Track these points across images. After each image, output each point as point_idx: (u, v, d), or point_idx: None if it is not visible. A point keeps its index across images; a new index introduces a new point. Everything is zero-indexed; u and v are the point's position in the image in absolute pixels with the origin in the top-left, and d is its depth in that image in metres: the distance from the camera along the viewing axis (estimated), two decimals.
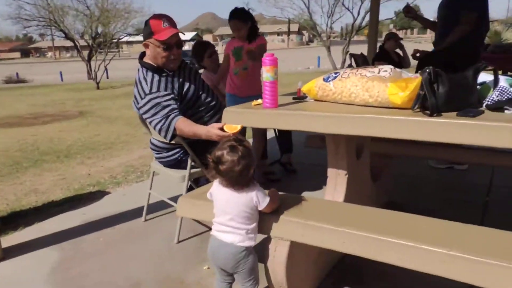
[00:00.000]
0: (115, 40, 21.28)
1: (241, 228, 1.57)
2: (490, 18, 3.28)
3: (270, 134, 3.82)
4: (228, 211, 1.57)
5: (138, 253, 2.36)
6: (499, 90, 1.55)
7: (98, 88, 14.79)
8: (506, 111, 1.50)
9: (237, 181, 1.53)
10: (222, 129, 1.98)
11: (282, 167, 3.72)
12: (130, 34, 22.12)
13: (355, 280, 1.97)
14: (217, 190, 1.61)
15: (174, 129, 2.26)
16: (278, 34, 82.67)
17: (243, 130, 2.17)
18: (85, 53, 19.90)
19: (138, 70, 2.43)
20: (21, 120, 8.17)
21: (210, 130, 2.06)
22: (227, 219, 1.57)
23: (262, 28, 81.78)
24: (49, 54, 74.23)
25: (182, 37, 2.44)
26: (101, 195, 3.38)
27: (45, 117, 8.39)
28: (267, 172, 3.50)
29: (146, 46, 2.37)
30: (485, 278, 1.29)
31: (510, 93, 1.54)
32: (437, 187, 3.16)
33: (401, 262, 1.43)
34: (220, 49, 19.35)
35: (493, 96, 1.55)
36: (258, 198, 1.56)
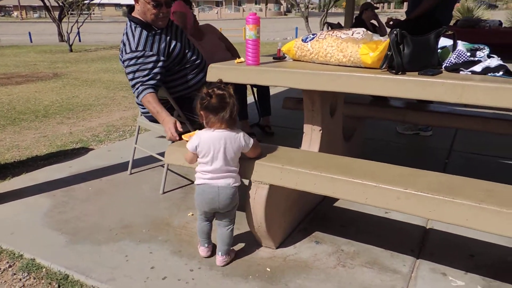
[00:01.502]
0: (87, 1, 20.45)
1: (232, 171, 1.77)
2: None
3: (250, 100, 3.98)
4: (221, 156, 1.72)
5: (126, 200, 2.53)
6: (457, 54, 1.76)
7: (71, 51, 14.33)
8: (461, 72, 1.73)
9: (229, 115, 1.68)
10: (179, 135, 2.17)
11: (260, 130, 3.91)
12: None
13: (324, 227, 2.22)
14: (209, 139, 1.72)
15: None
16: (256, 2, 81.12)
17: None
18: (55, 14, 19.06)
19: (127, 23, 2.51)
20: None
21: (169, 121, 2.23)
22: (221, 165, 1.73)
23: None
24: (15, 13, 70.32)
25: None
26: (85, 151, 3.50)
27: (18, 78, 8.20)
28: (248, 133, 3.68)
29: (136, 1, 2.43)
30: (432, 211, 1.54)
31: (466, 57, 1.76)
32: (403, 151, 3.44)
33: (364, 199, 1.67)
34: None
35: (451, 58, 1.77)
36: (244, 139, 1.76)
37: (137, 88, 2.39)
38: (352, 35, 1.90)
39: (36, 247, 2.02)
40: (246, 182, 1.93)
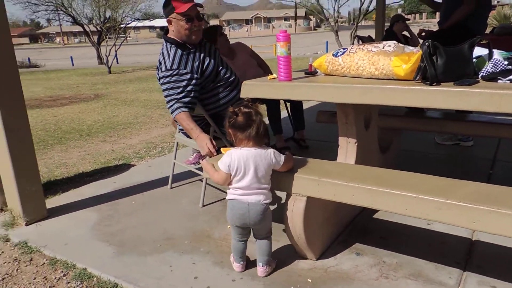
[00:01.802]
0: (123, 25, 21.44)
1: (263, 188, 1.80)
2: (501, 2, 3.44)
3: (284, 114, 4.04)
4: (251, 174, 1.75)
5: (168, 213, 2.64)
6: (493, 63, 1.75)
7: (110, 72, 15.05)
8: (499, 81, 1.72)
9: (256, 132, 1.73)
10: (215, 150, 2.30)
11: (295, 143, 3.96)
12: (138, 19, 22.25)
13: (365, 238, 2.21)
14: (240, 157, 1.76)
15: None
16: (285, 19, 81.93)
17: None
18: (94, 38, 20.11)
19: (163, 44, 2.65)
20: (40, 102, 8.48)
21: (204, 138, 2.37)
22: (252, 182, 1.77)
23: (268, 13, 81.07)
24: (58, 39, 74.55)
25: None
26: (127, 167, 3.66)
27: (62, 100, 8.69)
28: (282, 147, 3.74)
29: (170, 22, 2.56)
30: (476, 222, 1.51)
31: (503, 65, 1.75)
32: (443, 162, 3.37)
33: (404, 210, 1.67)
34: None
35: (488, 68, 1.76)
36: (275, 156, 1.80)
37: (172, 106, 2.51)
38: (383, 48, 1.93)
39: (87, 257, 2.14)
40: (284, 194, 1.97)
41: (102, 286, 1.90)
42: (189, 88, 2.52)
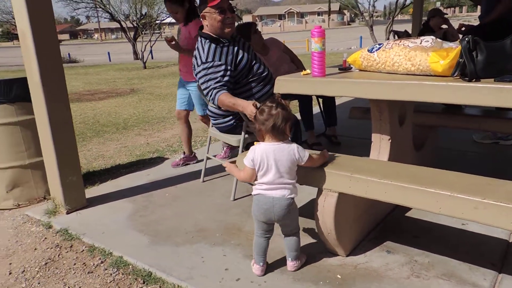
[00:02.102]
0: (158, 22, 21.87)
1: (287, 183, 1.79)
2: None
3: (316, 110, 4.02)
4: (273, 168, 1.75)
5: (200, 206, 2.70)
6: None
7: (145, 67, 15.43)
8: None
9: (272, 126, 1.72)
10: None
11: (327, 140, 3.93)
12: None
13: (396, 236, 2.18)
14: (262, 152, 1.77)
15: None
16: (318, 14, 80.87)
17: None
18: (130, 34, 20.64)
19: (198, 40, 2.71)
20: (80, 96, 8.83)
21: (248, 106, 2.33)
22: (276, 177, 1.77)
23: (301, 8, 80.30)
24: (96, 35, 77.12)
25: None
26: (161, 160, 3.77)
27: (100, 94, 9.01)
28: (314, 143, 3.73)
29: (204, 17, 2.61)
30: None
31: None
32: (481, 161, 3.26)
33: (438, 209, 1.64)
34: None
35: None
36: (298, 152, 1.79)
37: (211, 95, 2.56)
38: (420, 43, 1.89)
39: (123, 246, 2.23)
40: (315, 190, 1.98)
41: (137, 273, 1.98)
42: (225, 78, 2.57)
